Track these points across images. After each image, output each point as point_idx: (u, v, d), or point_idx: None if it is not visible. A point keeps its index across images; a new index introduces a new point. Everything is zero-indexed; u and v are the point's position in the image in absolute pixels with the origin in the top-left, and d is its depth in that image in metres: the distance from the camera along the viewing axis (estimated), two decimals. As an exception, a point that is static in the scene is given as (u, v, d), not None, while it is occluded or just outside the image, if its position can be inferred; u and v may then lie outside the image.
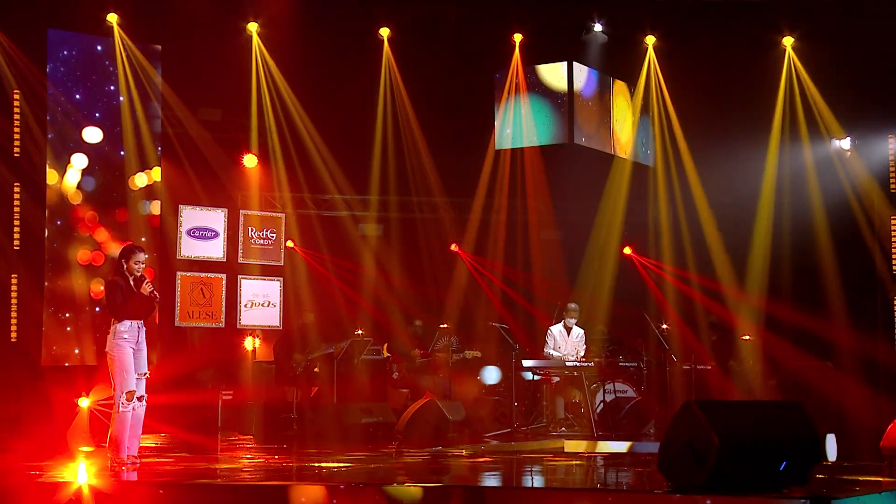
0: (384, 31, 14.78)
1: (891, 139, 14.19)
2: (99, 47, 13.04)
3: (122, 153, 13.05)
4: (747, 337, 13.97)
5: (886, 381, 13.17)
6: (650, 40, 14.91)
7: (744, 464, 6.13)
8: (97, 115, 12.93)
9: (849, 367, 13.20)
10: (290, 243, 15.22)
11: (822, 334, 13.42)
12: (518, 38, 14.70)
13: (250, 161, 14.98)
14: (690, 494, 6.03)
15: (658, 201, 15.53)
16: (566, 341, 13.00)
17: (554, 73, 14.22)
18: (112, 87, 13.07)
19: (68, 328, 12.52)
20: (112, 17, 13.11)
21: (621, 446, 10.79)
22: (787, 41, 14.48)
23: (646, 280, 15.55)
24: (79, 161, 12.75)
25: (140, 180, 13.19)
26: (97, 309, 12.54)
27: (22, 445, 9.82)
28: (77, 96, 12.80)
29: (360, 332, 13.88)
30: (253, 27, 14.28)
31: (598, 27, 14.42)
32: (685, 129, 15.02)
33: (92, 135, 12.86)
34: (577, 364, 12.48)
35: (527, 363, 12.55)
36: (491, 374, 13.77)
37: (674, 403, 12.14)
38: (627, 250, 15.86)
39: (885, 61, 13.43)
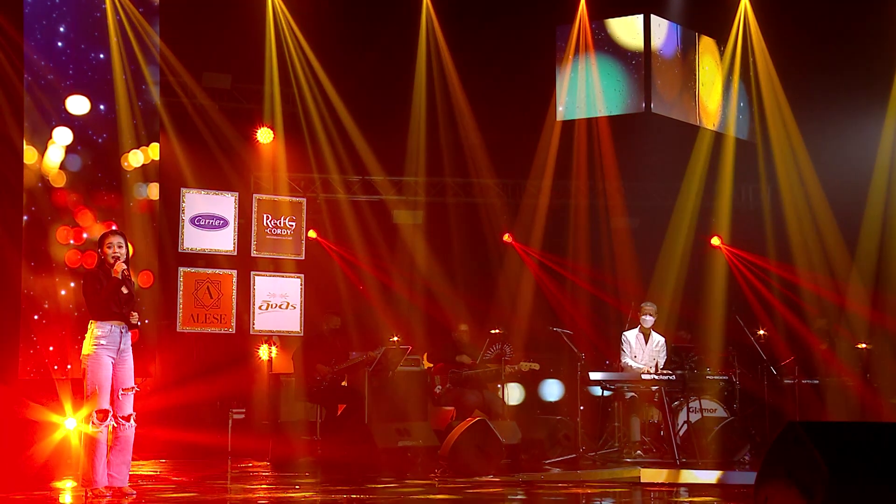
0: (424, -19, 14.78)
1: None
2: (86, 1, 13.04)
3: (113, 127, 13.05)
4: (864, 345, 13.72)
5: None
6: (744, -13, 14.82)
7: (862, 499, 5.96)
8: (84, 81, 12.95)
9: None
10: (312, 233, 15.20)
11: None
12: (584, -14, 14.61)
13: (265, 136, 14.99)
14: (795, 536, 5.89)
15: (753, 181, 15.37)
16: (643, 349, 12.86)
17: (628, 29, 14.12)
18: (101, 49, 13.07)
19: (51, 337, 12.54)
20: (101, -34, 13.17)
21: (709, 476, 10.66)
22: (914, -14, 14.29)
23: (737, 276, 15.38)
24: (62, 136, 12.78)
25: (135, 159, 13.20)
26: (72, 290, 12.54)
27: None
28: (60, 60, 12.81)
29: (395, 338, 13.81)
30: (268, -23, 14.33)
31: (680, -28, 14.33)
32: (787, 94, 14.83)
33: (77, 105, 12.88)
34: (656, 377, 12.35)
35: (594, 376, 12.44)
36: (552, 389, 13.66)
37: (773, 425, 11.98)
38: (715, 240, 15.73)
39: None
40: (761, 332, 13.36)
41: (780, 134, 14.96)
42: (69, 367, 12.32)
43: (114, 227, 8.74)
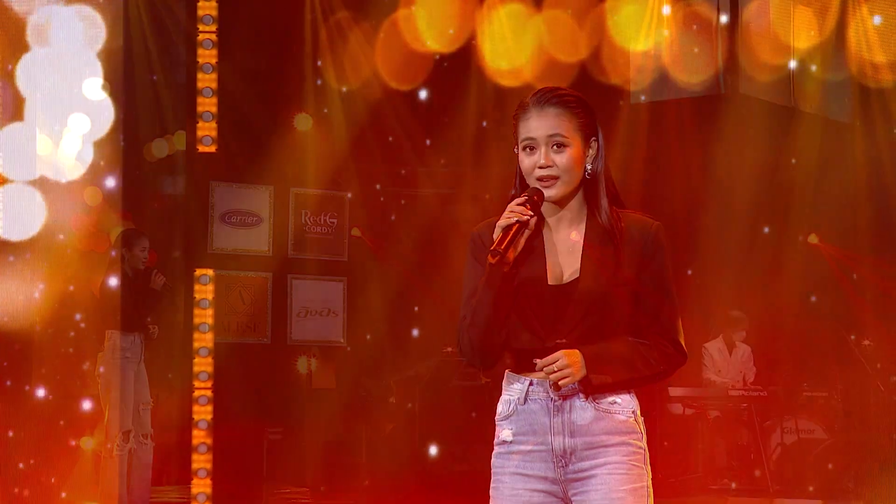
0: (481, -54, 14.71)
1: None
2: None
3: (135, 113, 13.07)
4: None
5: None
6: (845, -53, 14.65)
7: None
8: (102, 63, 12.94)
9: None
10: (356, 232, 15.15)
11: None
12: (662, -51, 14.51)
13: (304, 123, 14.94)
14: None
15: (857, 171, 15.13)
16: (728, 362, 12.76)
17: (711, -2, 14.08)
18: (121, 27, 13.08)
19: (69, 347, 12.56)
20: (119, -67, 13.20)
21: (808, 507, 10.54)
22: None
23: (839, 279, 15.15)
24: (78, 124, 12.78)
25: (158, 149, 13.21)
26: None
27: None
28: (75, 39, 12.81)
29: (450, 349, 13.75)
30: (307, -58, 14.35)
31: (771, -69, 14.23)
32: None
33: (95, 89, 12.88)
34: (745, 393, 12.24)
35: (674, 392, 12.39)
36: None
37: (881, 448, 11.87)
38: (813, 238, 15.48)
39: None
40: (866, 342, 13.19)
41: (888, 116, 14.75)
42: (86, 365, 12.33)
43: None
